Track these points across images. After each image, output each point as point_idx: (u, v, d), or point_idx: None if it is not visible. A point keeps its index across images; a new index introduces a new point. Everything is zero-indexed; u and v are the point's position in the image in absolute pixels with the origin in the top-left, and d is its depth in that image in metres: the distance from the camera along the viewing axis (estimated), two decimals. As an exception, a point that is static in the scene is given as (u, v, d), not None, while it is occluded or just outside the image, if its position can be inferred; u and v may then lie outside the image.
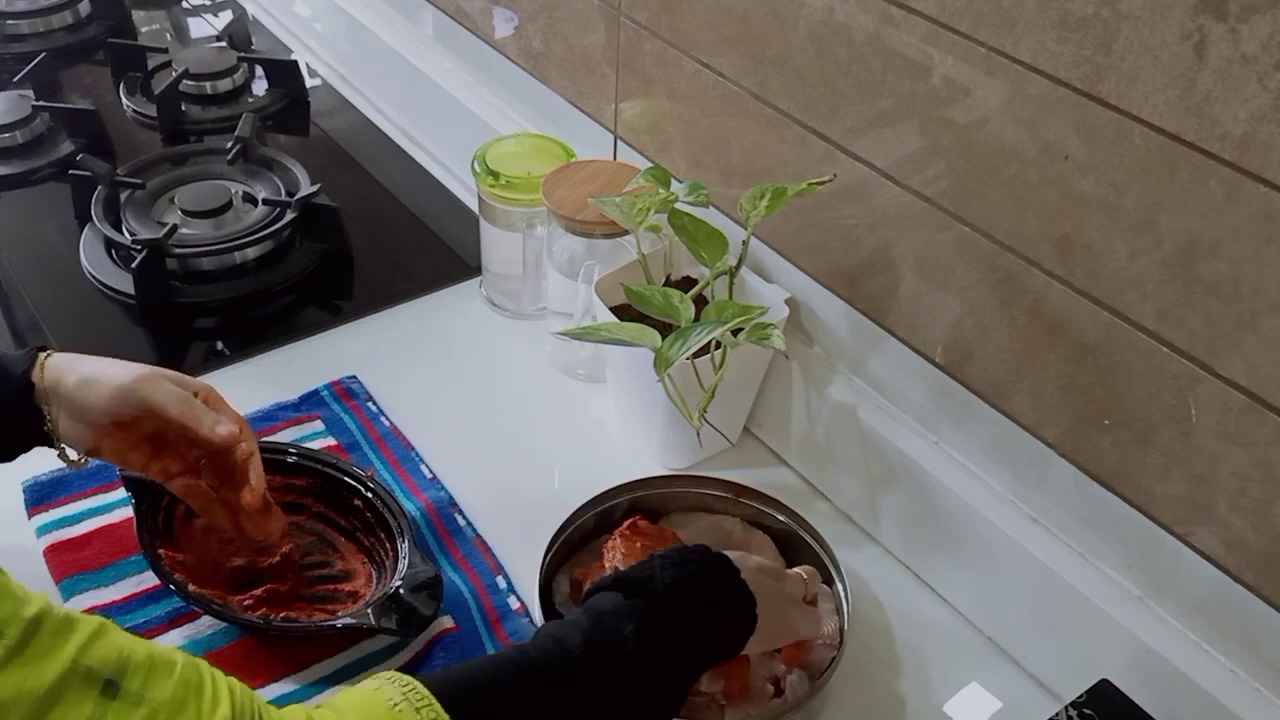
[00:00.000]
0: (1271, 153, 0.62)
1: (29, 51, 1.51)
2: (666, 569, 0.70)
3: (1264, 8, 0.60)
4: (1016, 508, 0.86)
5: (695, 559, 0.73)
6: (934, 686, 0.86)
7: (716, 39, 0.96)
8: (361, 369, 1.09)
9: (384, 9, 1.48)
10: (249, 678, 0.81)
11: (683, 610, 0.69)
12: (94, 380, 0.77)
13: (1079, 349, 0.77)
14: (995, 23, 0.73)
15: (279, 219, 1.22)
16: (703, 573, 0.72)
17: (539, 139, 1.15)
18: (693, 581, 0.71)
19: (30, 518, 0.92)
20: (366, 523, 0.91)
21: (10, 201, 1.32)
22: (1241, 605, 0.73)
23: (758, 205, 0.89)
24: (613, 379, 1.06)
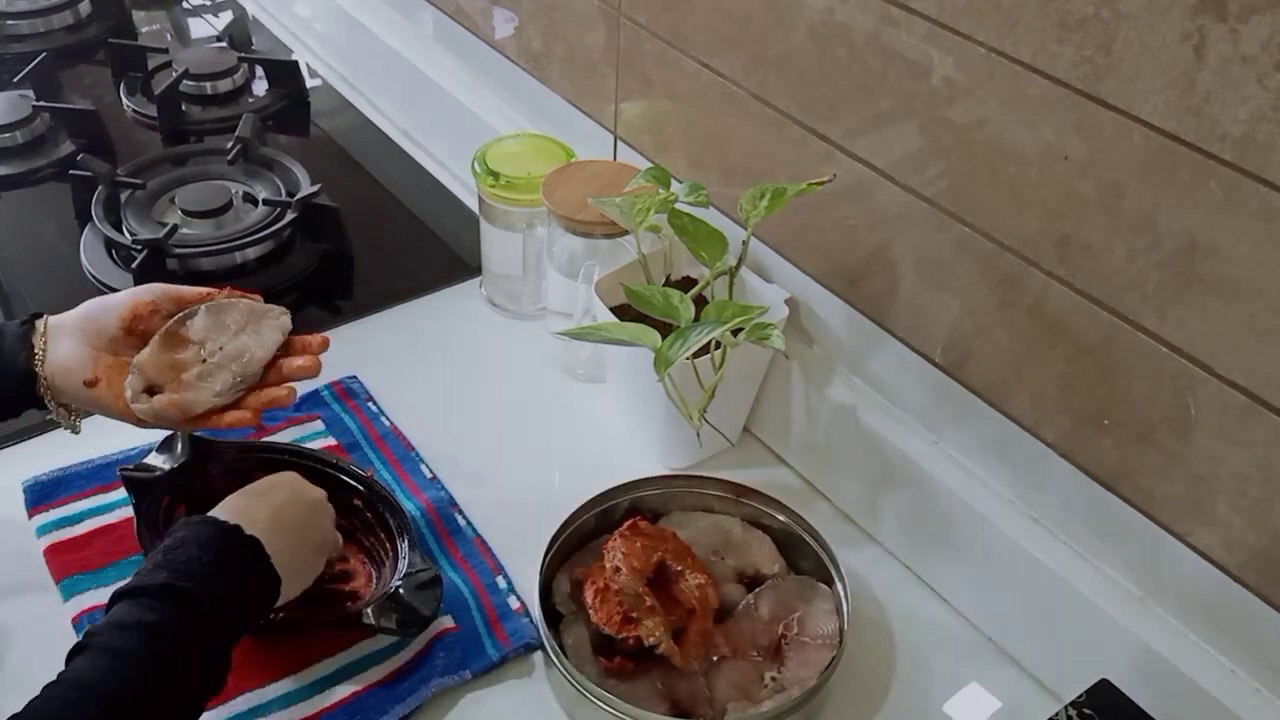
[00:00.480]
0: (1271, 153, 0.62)
1: (29, 51, 1.51)
2: (182, 576, 0.68)
3: (1264, 8, 0.60)
4: (1016, 508, 0.86)
5: (205, 554, 0.70)
6: (934, 686, 0.86)
7: (716, 39, 0.96)
8: (361, 369, 1.09)
9: (384, 9, 1.48)
10: (249, 678, 0.82)
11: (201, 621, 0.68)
12: (104, 297, 0.82)
13: (1079, 349, 0.77)
14: (995, 23, 0.73)
15: (279, 219, 1.22)
16: (215, 566, 0.70)
17: (539, 139, 1.15)
18: (205, 578, 0.69)
19: (30, 518, 0.92)
20: (366, 523, 0.91)
21: (10, 201, 1.32)
22: (1241, 605, 0.73)
23: (758, 205, 0.89)
24: (613, 379, 1.06)
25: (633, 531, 0.85)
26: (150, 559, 0.70)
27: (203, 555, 0.69)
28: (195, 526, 0.72)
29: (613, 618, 0.81)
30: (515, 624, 0.87)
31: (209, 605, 0.67)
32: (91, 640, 0.64)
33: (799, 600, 0.87)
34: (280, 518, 0.76)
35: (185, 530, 0.72)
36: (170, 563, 0.68)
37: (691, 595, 0.84)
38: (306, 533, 0.79)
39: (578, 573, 0.86)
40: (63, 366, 0.79)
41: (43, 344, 0.80)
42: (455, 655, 0.84)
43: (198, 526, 0.72)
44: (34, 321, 0.81)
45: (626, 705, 0.77)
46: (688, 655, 0.81)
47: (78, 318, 0.81)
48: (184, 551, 0.69)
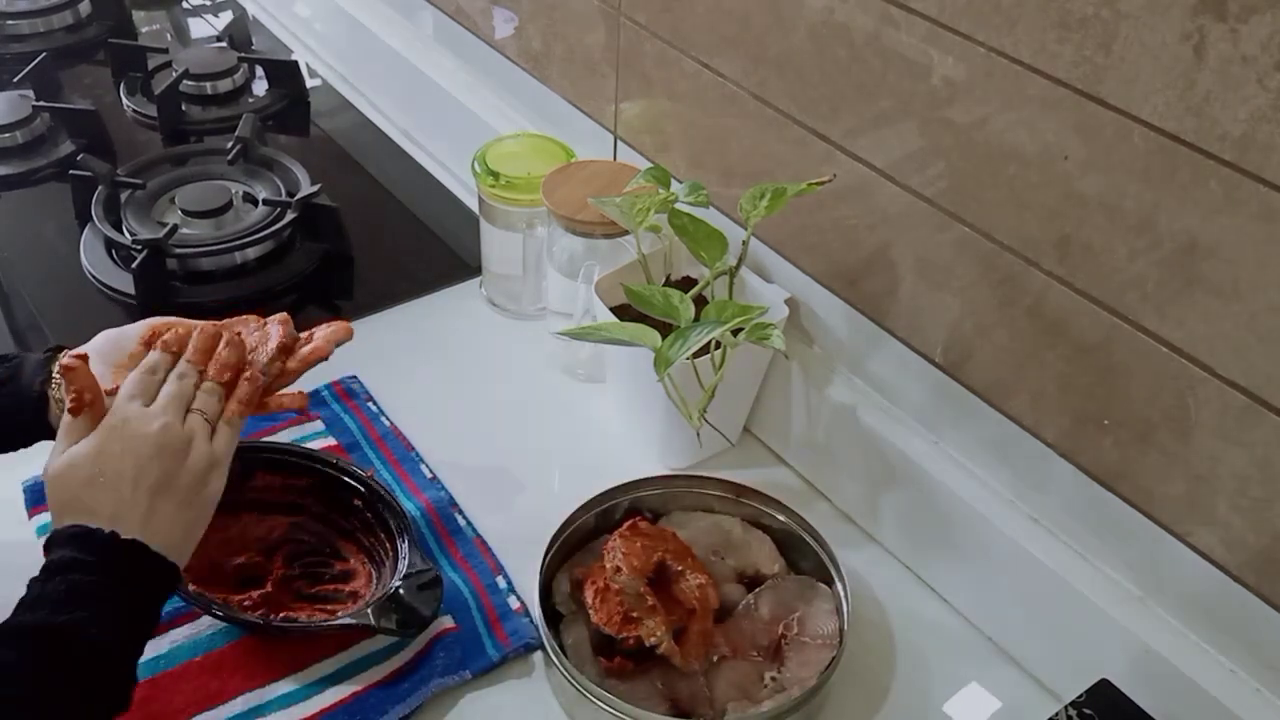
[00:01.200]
0: (1271, 153, 0.62)
1: (29, 51, 1.51)
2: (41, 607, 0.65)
3: (1264, 8, 0.60)
4: (1016, 508, 0.86)
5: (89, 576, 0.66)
6: (934, 686, 0.86)
7: (716, 39, 0.96)
8: (361, 369, 1.09)
9: (384, 9, 1.48)
10: (249, 678, 0.82)
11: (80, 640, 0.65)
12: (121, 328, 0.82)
13: (1079, 349, 0.77)
14: (995, 23, 0.73)
15: (279, 219, 1.22)
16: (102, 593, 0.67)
17: (539, 139, 1.15)
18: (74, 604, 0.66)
19: (30, 518, 0.92)
20: (366, 523, 0.91)
21: (10, 201, 1.32)
22: (1241, 605, 0.73)
23: (758, 205, 0.89)
24: (613, 379, 1.06)
25: (633, 531, 0.85)
26: (28, 590, 0.66)
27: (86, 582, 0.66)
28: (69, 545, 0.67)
29: (613, 618, 0.81)
30: (515, 624, 0.87)
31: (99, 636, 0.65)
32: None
33: (799, 600, 0.87)
34: (143, 486, 0.70)
35: (60, 552, 0.67)
36: (49, 596, 0.65)
37: (692, 595, 0.84)
38: (175, 485, 0.72)
39: (578, 573, 0.86)
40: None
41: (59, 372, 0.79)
42: (455, 655, 0.84)
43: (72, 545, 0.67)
44: (55, 353, 0.81)
45: (626, 705, 0.77)
46: (688, 655, 0.81)
47: (98, 341, 0.81)
48: (63, 580, 0.66)
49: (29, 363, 0.81)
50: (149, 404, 0.74)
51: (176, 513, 0.72)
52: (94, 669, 0.65)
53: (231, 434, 0.77)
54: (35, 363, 0.81)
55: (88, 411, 0.73)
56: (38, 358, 0.81)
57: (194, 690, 0.81)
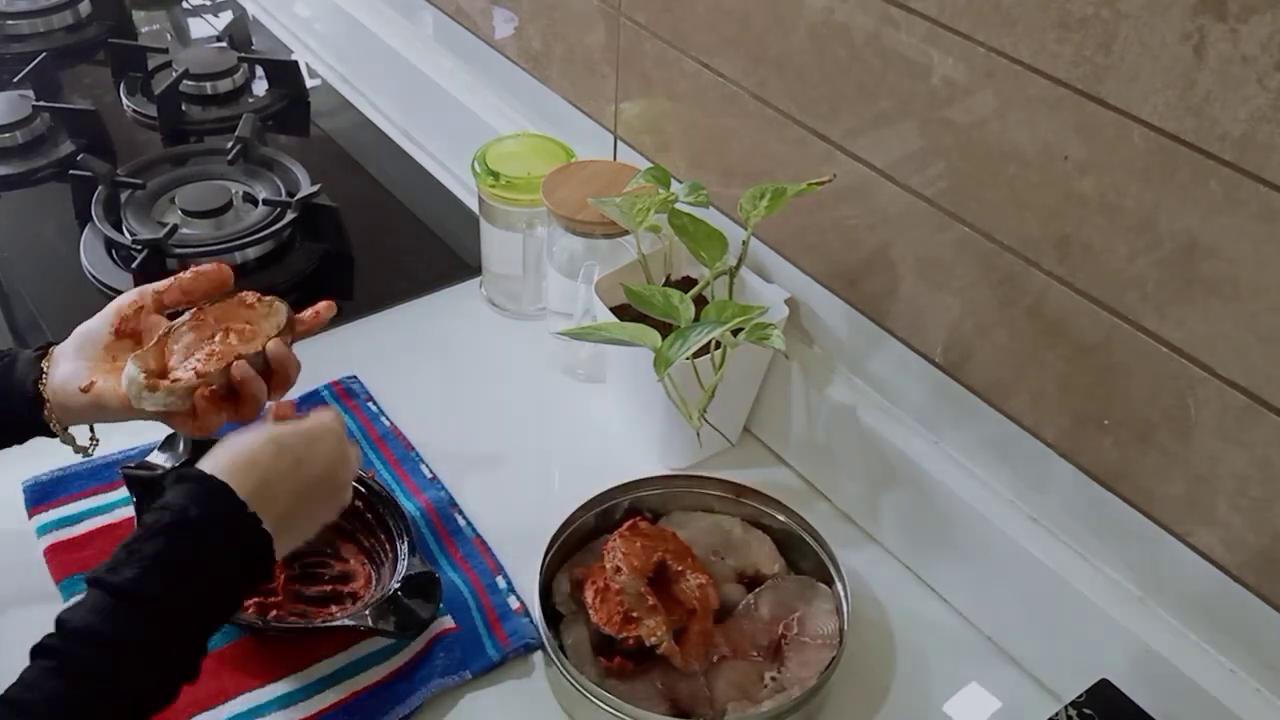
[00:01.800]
0: (1271, 153, 0.62)
1: (29, 51, 1.51)
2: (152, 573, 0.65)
3: (1264, 8, 0.60)
4: (1016, 508, 0.86)
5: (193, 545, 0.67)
6: (934, 686, 0.86)
7: (716, 39, 0.96)
8: (361, 369, 1.09)
9: (384, 9, 1.48)
10: (249, 678, 0.82)
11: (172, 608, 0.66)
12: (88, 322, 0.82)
13: (1079, 349, 0.77)
14: (995, 23, 0.73)
15: (279, 219, 1.22)
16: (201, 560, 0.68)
17: (539, 139, 1.15)
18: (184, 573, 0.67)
19: (30, 518, 0.92)
20: (366, 524, 0.91)
21: (10, 201, 1.32)
22: (1241, 605, 0.73)
23: (758, 205, 0.89)
24: (613, 379, 1.06)
25: (633, 531, 0.85)
26: (146, 537, 0.66)
27: (197, 553, 0.67)
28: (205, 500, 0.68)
29: (613, 618, 0.81)
30: (515, 624, 0.87)
31: (187, 618, 0.66)
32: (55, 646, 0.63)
33: (799, 600, 0.87)
34: (305, 496, 0.73)
35: (192, 503, 0.68)
36: (163, 562, 0.65)
37: (692, 595, 0.84)
38: (323, 507, 0.76)
39: (578, 573, 0.86)
40: (62, 383, 0.79)
41: (48, 367, 0.80)
42: (455, 655, 0.84)
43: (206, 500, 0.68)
44: (48, 349, 0.81)
45: (626, 705, 0.77)
46: (688, 655, 0.81)
47: (72, 338, 0.82)
48: (182, 544, 0.66)
49: (21, 360, 0.81)
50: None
51: (309, 521, 0.75)
52: (175, 642, 0.66)
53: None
54: (28, 360, 0.81)
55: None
56: (30, 355, 0.81)
57: (194, 690, 0.80)
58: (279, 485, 0.71)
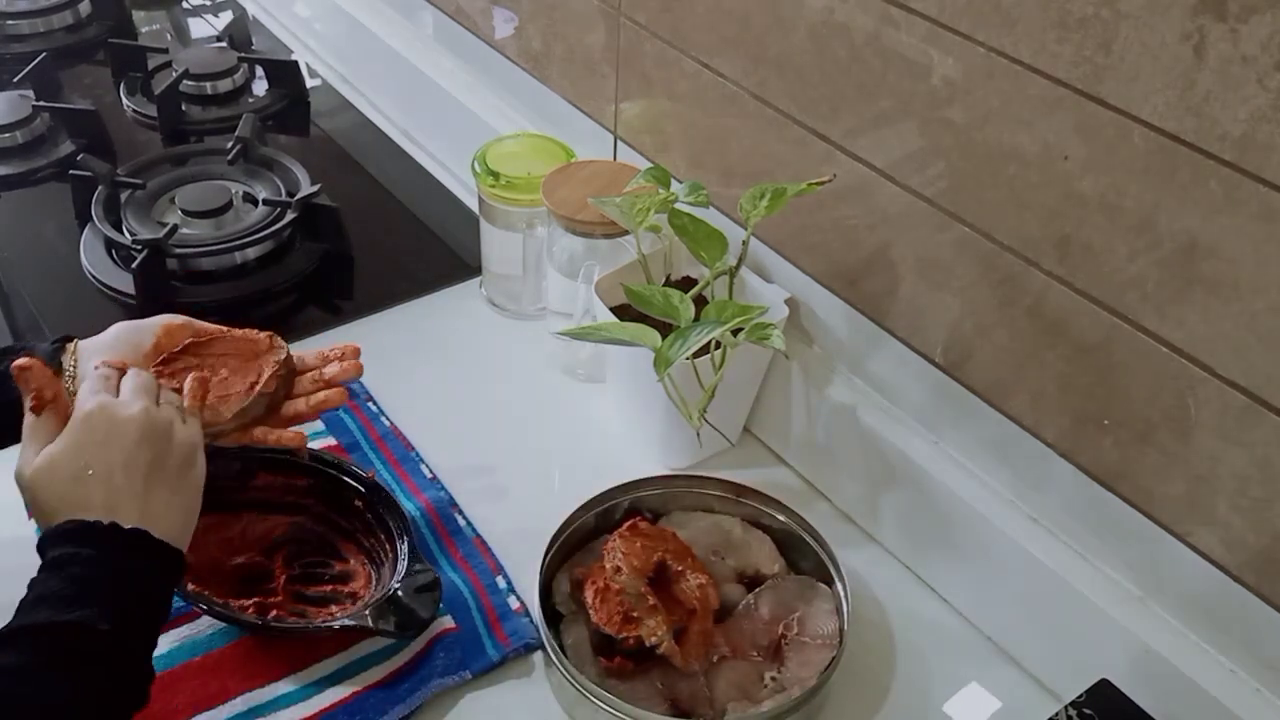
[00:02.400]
0: (1271, 153, 0.62)
1: (29, 51, 1.51)
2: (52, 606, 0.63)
3: (1264, 8, 0.60)
4: (1016, 508, 0.86)
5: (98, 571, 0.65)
6: (934, 686, 0.86)
7: (716, 39, 0.96)
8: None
9: (384, 9, 1.48)
10: (249, 678, 0.82)
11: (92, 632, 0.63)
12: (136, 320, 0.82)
13: (1079, 349, 0.77)
14: (995, 23, 0.73)
15: (279, 219, 1.22)
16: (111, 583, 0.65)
17: (539, 139, 1.15)
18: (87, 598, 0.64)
19: (30, 518, 0.92)
20: (367, 524, 0.91)
21: (10, 201, 1.32)
22: (1241, 605, 0.73)
23: (758, 205, 0.89)
24: (613, 379, 1.06)
25: (633, 531, 0.85)
26: (30, 590, 0.65)
27: (90, 572, 0.65)
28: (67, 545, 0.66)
29: (613, 618, 0.81)
30: (515, 624, 0.87)
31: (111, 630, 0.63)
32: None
33: (799, 600, 0.87)
34: (135, 472, 0.69)
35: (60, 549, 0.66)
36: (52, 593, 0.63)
37: (692, 595, 0.84)
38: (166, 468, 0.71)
39: (578, 573, 0.86)
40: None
41: (72, 364, 0.79)
42: (455, 655, 0.84)
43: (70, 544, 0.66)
44: (64, 343, 0.80)
45: (626, 705, 0.77)
46: (688, 655, 0.81)
47: (110, 338, 0.81)
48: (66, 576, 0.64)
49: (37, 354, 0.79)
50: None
51: (171, 497, 0.71)
52: (108, 665, 0.64)
53: (196, 424, 0.76)
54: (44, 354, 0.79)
55: (50, 410, 0.72)
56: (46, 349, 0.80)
57: (194, 690, 0.81)
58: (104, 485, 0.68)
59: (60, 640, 0.62)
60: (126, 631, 0.65)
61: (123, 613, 0.65)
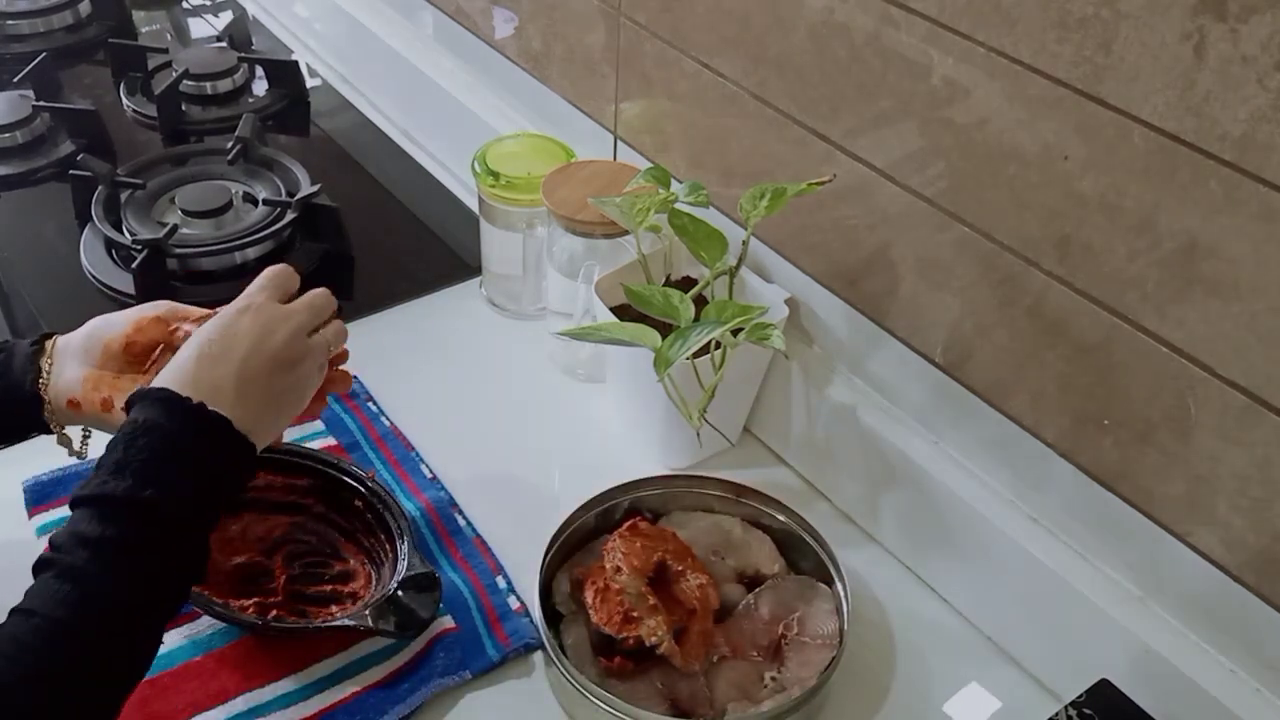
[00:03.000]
0: (1271, 153, 0.62)
1: (29, 51, 1.51)
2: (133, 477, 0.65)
3: (1264, 8, 0.60)
4: (1016, 508, 0.86)
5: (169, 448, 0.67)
6: (934, 686, 0.86)
7: (716, 39, 0.96)
8: (361, 369, 1.08)
9: (384, 9, 1.48)
10: (249, 678, 0.82)
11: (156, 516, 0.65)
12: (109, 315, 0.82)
13: (1079, 349, 0.77)
14: (995, 23, 0.73)
15: (279, 219, 1.22)
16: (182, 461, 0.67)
17: (539, 139, 1.15)
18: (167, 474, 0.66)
19: (31, 518, 0.92)
20: (367, 524, 0.91)
21: (10, 201, 1.32)
22: (1241, 605, 0.73)
23: (758, 205, 0.89)
24: (613, 379, 1.07)
25: (632, 531, 0.85)
26: (111, 452, 0.66)
27: (167, 449, 0.66)
28: (152, 407, 0.68)
29: (613, 618, 0.81)
30: (515, 624, 0.87)
31: (177, 510, 0.65)
32: (54, 558, 0.63)
33: (799, 600, 0.87)
34: (246, 375, 0.71)
35: (142, 412, 0.68)
36: (132, 462, 0.65)
37: (692, 595, 0.84)
38: (275, 383, 0.73)
39: (578, 573, 0.86)
40: (67, 390, 0.78)
41: (49, 366, 0.79)
42: (455, 655, 0.84)
43: (155, 407, 0.68)
44: (44, 342, 0.80)
45: (626, 705, 0.77)
46: (688, 655, 0.81)
47: (82, 337, 0.81)
48: (144, 444, 0.66)
49: (18, 356, 0.80)
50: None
51: (267, 404, 0.73)
52: (175, 542, 0.66)
53: (323, 372, 0.79)
54: (24, 356, 0.80)
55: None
56: (26, 350, 0.80)
57: (194, 690, 0.81)
58: (214, 374, 0.70)
59: (136, 513, 0.64)
60: (194, 512, 0.67)
61: (193, 494, 0.67)
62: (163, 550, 0.65)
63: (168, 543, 0.65)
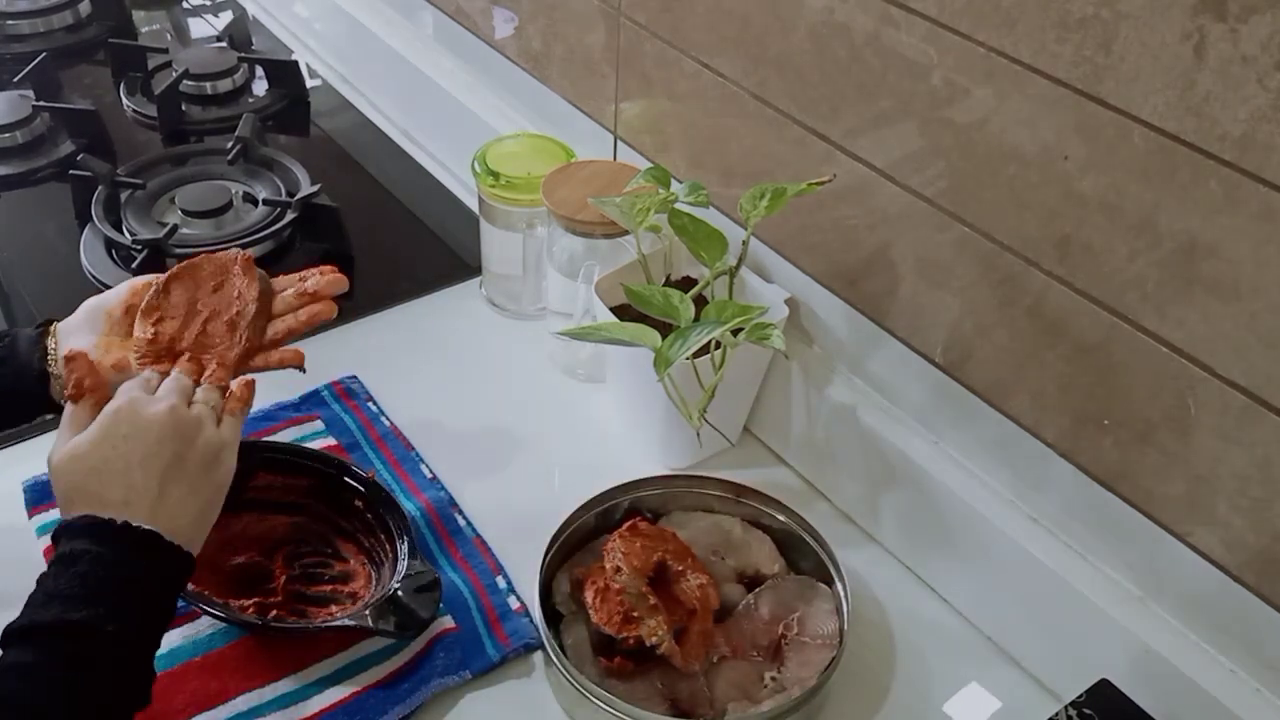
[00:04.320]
0: (1271, 153, 0.62)
1: (29, 51, 1.51)
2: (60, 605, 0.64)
3: (1264, 8, 0.60)
4: (1016, 508, 0.86)
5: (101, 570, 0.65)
6: (934, 686, 0.86)
7: (716, 39, 0.96)
8: (361, 369, 1.09)
9: (384, 9, 1.48)
10: (249, 678, 0.82)
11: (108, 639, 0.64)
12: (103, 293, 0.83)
13: (1079, 349, 0.77)
14: (995, 23, 0.73)
15: (279, 219, 1.22)
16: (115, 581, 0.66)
17: (539, 139, 1.15)
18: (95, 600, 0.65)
19: (30, 517, 0.92)
20: (367, 524, 0.91)
21: (10, 201, 1.32)
22: (1241, 605, 0.73)
23: (758, 205, 0.89)
24: (613, 379, 1.06)
25: (632, 532, 0.85)
26: (40, 585, 0.66)
27: (99, 571, 0.65)
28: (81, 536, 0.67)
29: (613, 618, 0.81)
30: (515, 624, 0.87)
31: (115, 629, 0.64)
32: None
33: (799, 600, 0.87)
34: (153, 470, 0.69)
35: (72, 544, 0.66)
36: (62, 591, 0.64)
37: (692, 595, 0.84)
38: (187, 467, 0.71)
39: (578, 573, 0.86)
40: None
41: (53, 345, 0.81)
42: (455, 655, 0.84)
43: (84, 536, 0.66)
44: (47, 326, 0.82)
45: (626, 705, 0.77)
46: (688, 655, 0.81)
47: (81, 313, 0.82)
48: (76, 573, 0.65)
49: (23, 339, 0.82)
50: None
51: (188, 498, 0.71)
52: (114, 665, 0.64)
53: (235, 423, 0.76)
54: (29, 339, 0.81)
55: (89, 398, 0.73)
56: (30, 334, 0.82)
57: (194, 690, 0.81)
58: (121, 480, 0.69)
59: (68, 639, 0.63)
60: (131, 633, 0.65)
61: (127, 614, 0.65)
62: (101, 670, 0.63)
63: (106, 662, 0.64)
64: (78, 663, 0.63)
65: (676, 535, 0.88)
